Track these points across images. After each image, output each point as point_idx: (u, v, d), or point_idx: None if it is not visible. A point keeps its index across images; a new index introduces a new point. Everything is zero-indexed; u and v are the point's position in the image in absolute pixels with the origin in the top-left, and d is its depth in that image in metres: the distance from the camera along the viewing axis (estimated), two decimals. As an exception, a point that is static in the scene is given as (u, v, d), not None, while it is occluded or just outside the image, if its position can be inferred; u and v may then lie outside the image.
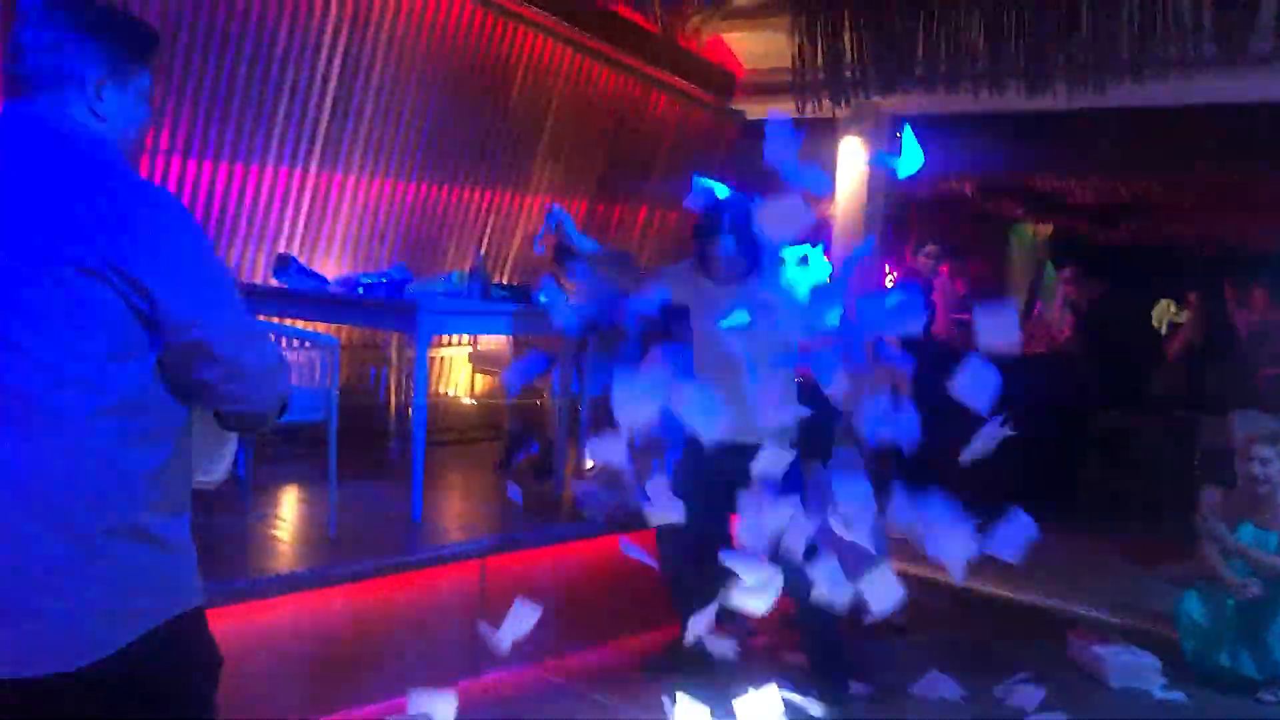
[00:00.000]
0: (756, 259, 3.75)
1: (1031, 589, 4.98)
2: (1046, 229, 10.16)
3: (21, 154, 1.65)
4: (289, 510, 4.38)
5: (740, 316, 3.53)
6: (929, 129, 6.28)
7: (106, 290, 1.59)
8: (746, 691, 3.71)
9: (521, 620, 3.34)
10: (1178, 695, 4.17)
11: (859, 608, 3.37)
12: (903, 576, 4.63)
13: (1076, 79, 4.59)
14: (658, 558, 3.90)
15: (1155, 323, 9.48)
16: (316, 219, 5.24)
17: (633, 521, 4.40)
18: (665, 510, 3.41)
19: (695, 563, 3.72)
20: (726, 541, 3.39)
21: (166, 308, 1.62)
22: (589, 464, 5.24)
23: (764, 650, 4.39)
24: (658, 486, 3.49)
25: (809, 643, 4.06)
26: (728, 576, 3.25)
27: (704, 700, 3.64)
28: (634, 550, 3.54)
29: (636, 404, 3.19)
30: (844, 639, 4.01)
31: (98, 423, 1.61)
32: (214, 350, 1.67)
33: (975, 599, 4.94)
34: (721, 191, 3.96)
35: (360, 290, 4.46)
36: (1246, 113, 5.38)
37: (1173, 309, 9.62)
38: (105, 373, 1.61)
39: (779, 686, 3.93)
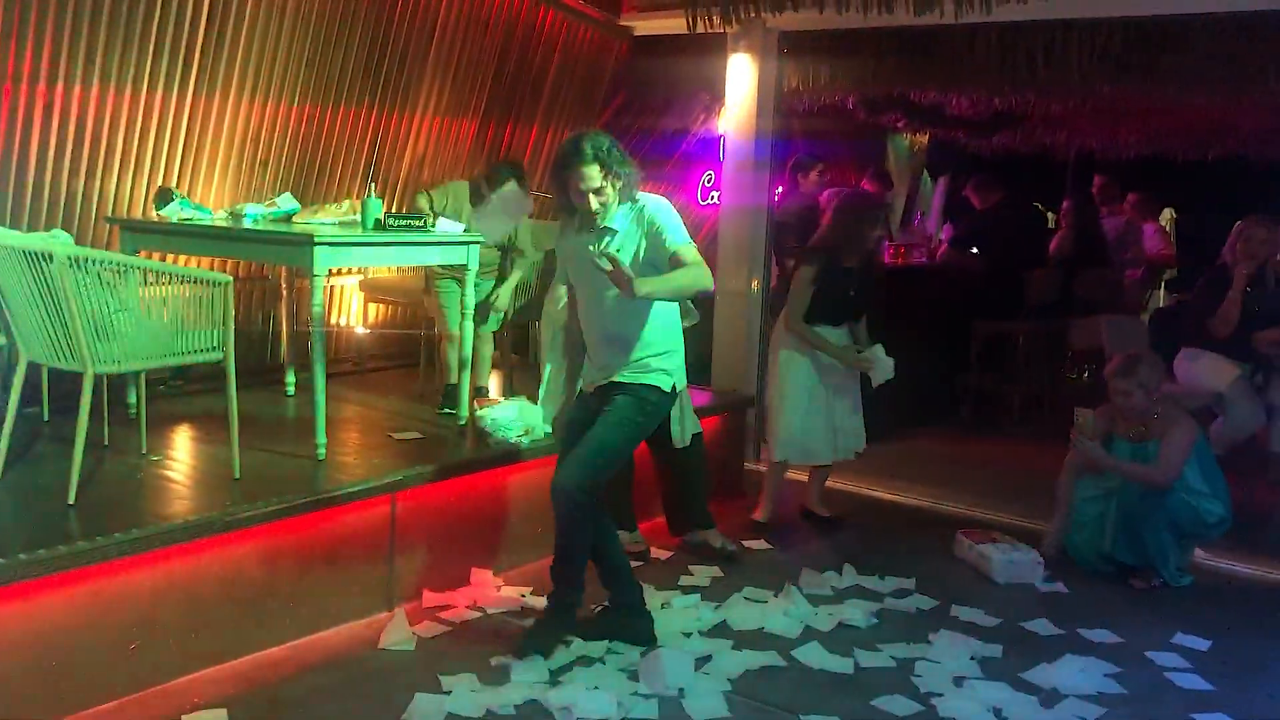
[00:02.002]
0: (626, 195, 3.50)
1: (922, 493, 5.21)
2: (922, 139, 10.35)
3: None
4: (186, 451, 4.28)
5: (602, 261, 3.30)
6: (816, 45, 6.36)
7: None
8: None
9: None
10: (1060, 587, 4.45)
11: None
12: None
13: (963, -4, 4.67)
14: None
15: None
16: (195, 147, 5.02)
17: (537, 448, 4.46)
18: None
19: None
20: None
21: None
22: (492, 394, 5.25)
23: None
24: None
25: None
26: None
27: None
28: None
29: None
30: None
31: None
32: None
33: (877, 503, 5.15)
34: None
35: (248, 222, 4.32)
36: (1117, 27, 5.56)
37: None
38: None
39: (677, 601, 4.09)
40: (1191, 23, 5.32)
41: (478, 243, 4.56)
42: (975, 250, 7.80)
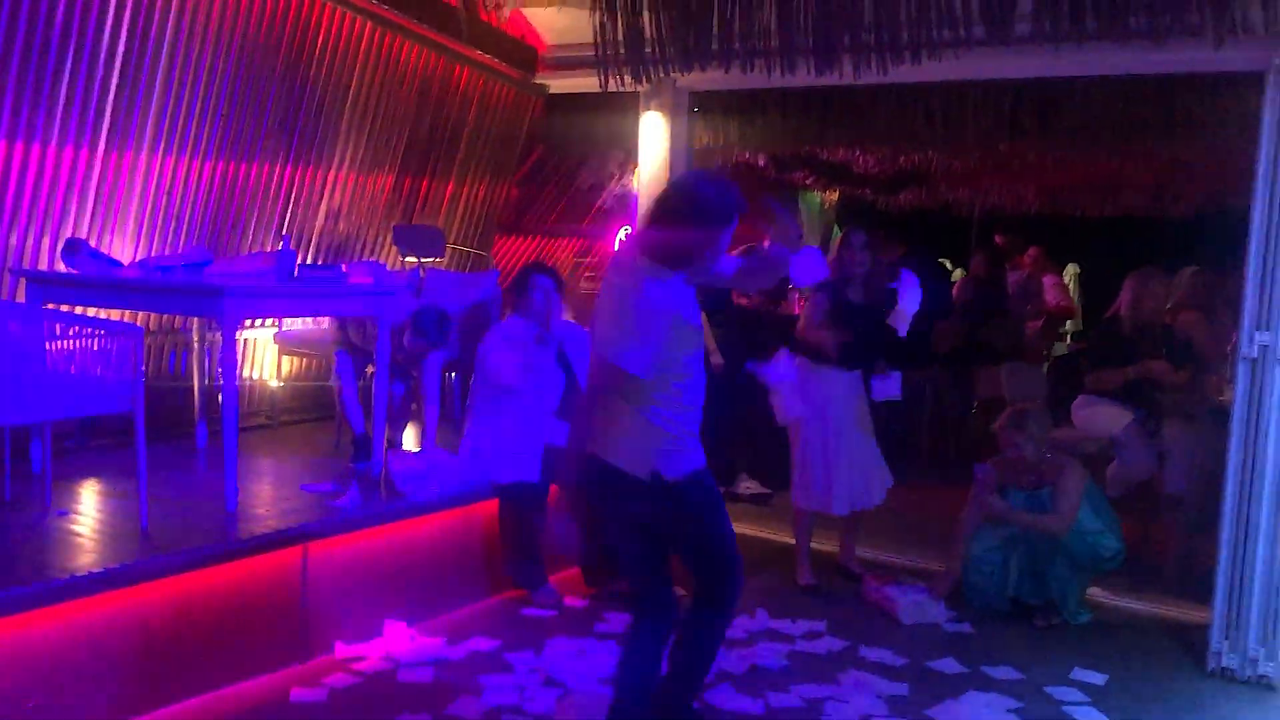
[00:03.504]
0: None
1: (832, 539, 5.30)
2: (833, 196, 10.65)
3: None
4: (92, 505, 4.21)
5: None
6: (726, 104, 6.57)
7: None
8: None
9: None
10: (965, 627, 4.58)
11: None
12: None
13: (861, 58, 4.88)
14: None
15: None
16: (106, 200, 4.98)
17: (452, 500, 4.49)
18: None
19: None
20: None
21: None
22: (403, 444, 5.26)
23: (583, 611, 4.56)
24: None
25: None
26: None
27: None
28: None
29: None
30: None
31: None
32: None
33: (787, 549, 5.21)
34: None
35: (160, 275, 4.30)
36: (1010, 88, 5.85)
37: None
38: None
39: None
40: (1079, 84, 5.61)
41: (389, 294, 4.60)
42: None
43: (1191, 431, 5.27)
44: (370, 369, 5.02)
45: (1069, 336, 10.16)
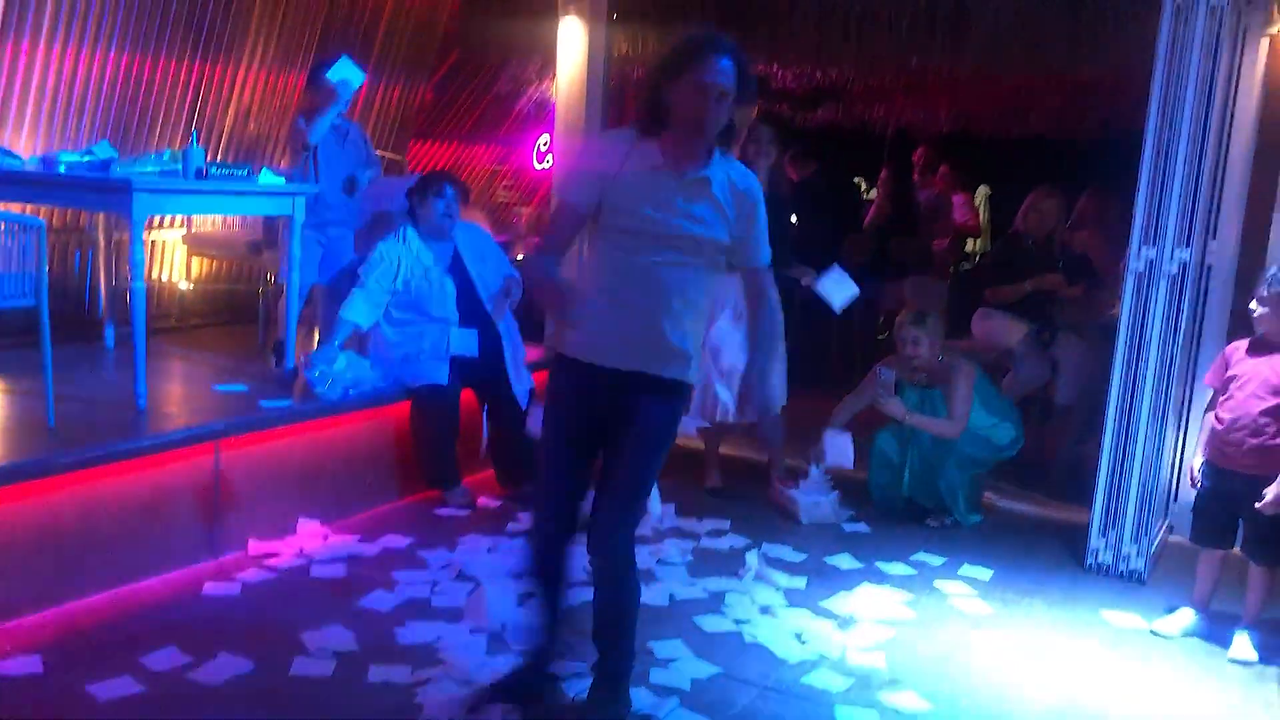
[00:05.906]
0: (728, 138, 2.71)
1: (741, 444, 5.46)
2: (751, 111, 10.64)
3: None
4: (-5, 402, 4.17)
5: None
6: (645, 10, 6.52)
7: None
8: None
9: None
10: (861, 526, 4.78)
11: None
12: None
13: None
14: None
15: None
16: (3, 92, 4.83)
17: (365, 401, 4.52)
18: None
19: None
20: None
21: None
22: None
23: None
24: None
25: None
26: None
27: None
28: None
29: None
30: None
31: None
32: None
33: (697, 453, 5.34)
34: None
35: (63, 169, 4.20)
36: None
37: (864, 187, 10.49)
38: None
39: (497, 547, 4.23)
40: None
41: (303, 194, 4.56)
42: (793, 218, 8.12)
43: (1083, 345, 5.51)
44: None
45: (976, 256, 10.40)
